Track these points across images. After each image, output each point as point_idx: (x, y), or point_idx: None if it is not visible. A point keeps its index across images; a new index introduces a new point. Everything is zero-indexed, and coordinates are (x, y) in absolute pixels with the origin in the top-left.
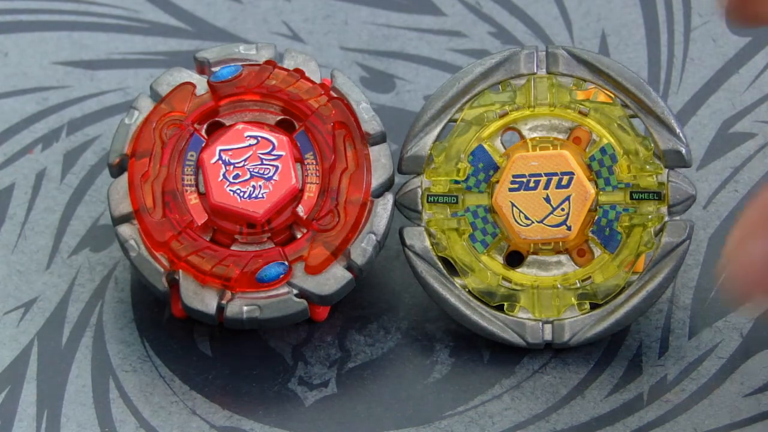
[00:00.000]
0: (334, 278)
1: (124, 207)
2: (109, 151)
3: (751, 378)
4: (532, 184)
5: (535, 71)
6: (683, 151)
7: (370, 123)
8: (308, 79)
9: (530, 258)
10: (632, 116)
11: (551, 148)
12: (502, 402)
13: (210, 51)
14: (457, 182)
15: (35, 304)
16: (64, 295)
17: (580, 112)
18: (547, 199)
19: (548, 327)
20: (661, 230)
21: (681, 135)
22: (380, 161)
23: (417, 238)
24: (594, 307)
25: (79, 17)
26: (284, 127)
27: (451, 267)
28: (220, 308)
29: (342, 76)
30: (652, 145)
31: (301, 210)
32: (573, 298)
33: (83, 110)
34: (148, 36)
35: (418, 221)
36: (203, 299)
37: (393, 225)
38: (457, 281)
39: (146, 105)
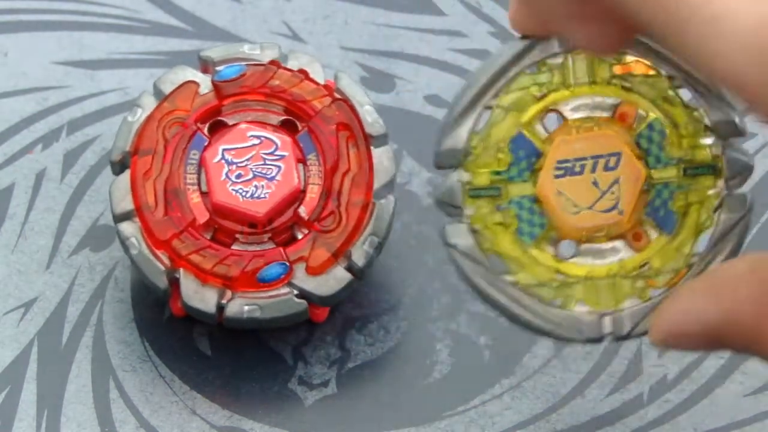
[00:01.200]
0: (335, 279)
1: (126, 204)
2: (111, 148)
3: (751, 378)
4: (577, 169)
5: (572, 48)
6: (736, 119)
7: (374, 125)
8: (312, 80)
9: (584, 246)
10: (678, 87)
11: (595, 128)
12: (502, 402)
13: (214, 50)
14: (498, 173)
15: (35, 304)
16: (64, 295)
17: (623, 88)
18: (595, 183)
19: (607, 319)
20: (719, 206)
21: (732, 103)
22: (383, 164)
23: (461, 236)
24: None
25: (79, 17)
26: (287, 127)
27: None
28: (221, 307)
29: (346, 78)
30: (703, 116)
31: (303, 211)
32: (632, 287)
33: (83, 110)
34: (148, 36)
35: (459, 218)
36: (203, 298)
37: (397, 226)
38: (507, 278)
39: (149, 103)
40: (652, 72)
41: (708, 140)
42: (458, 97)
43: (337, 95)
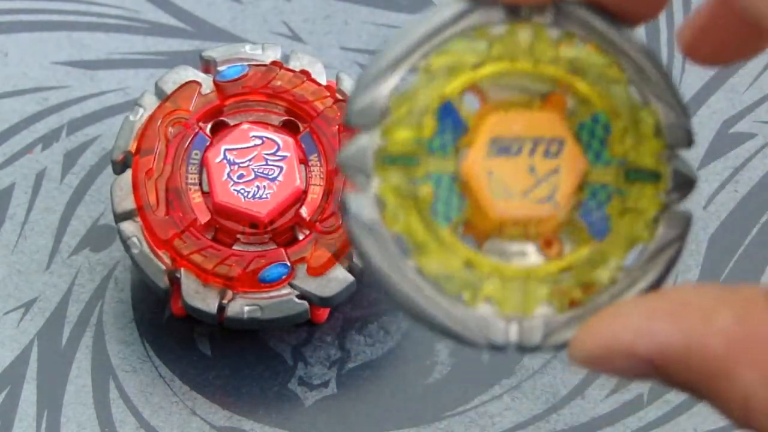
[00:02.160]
0: (336, 280)
1: (127, 204)
2: (112, 148)
3: None
4: (514, 150)
5: (518, 18)
6: (688, 127)
7: None
8: (314, 81)
9: (488, 244)
10: (629, 82)
11: (527, 111)
12: (502, 402)
13: (216, 50)
14: (419, 141)
15: (35, 304)
16: (64, 295)
17: (569, 70)
18: (532, 169)
19: (514, 326)
20: (657, 219)
21: (687, 109)
22: None
23: (365, 207)
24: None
25: (79, 17)
26: (288, 128)
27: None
28: (222, 307)
29: (348, 79)
30: (652, 117)
31: (304, 211)
32: (547, 293)
33: (83, 110)
34: (148, 36)
35: (365, 187)
36: (205, 298)
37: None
38: (411, 263)
39: (151, 102)
40: (604, 60)
41: (657, 145)
42: (382, 51)
43: (339, 96)
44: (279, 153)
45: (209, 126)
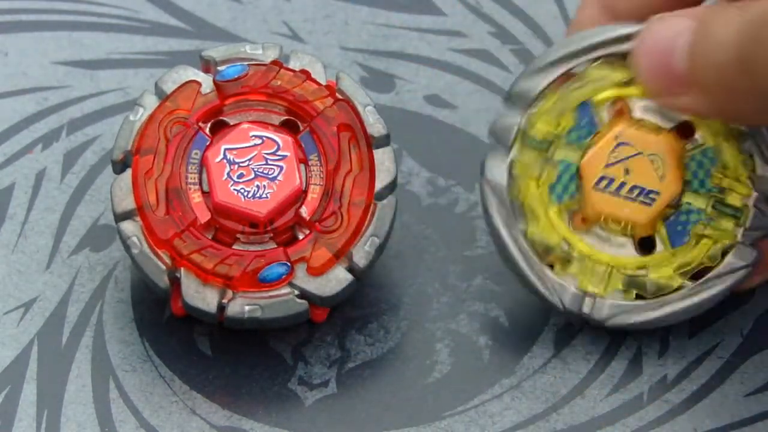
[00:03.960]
0: (336, 280)
1: (127, 204)
2: (112, 148)
3: (751, 378)
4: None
5: None
6: None
7: (375, 126)
8: (314, 81)
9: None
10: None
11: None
12: (502, 402)
13: (216, 50)
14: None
15: (35, 304)
16: (64, 295)
17: None
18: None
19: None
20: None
21: None
22: (384, 164)
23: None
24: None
25: (79, 17)
26: (288, 127)
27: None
28: (221, 307)
29: (348, 79)
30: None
31: (304, 211)
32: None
33: (83, 110)
34: (148, 36)
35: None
36: (204, 298)
37: (397, 226)
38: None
39: (151, 102)
40: None
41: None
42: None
43: (339, 96)
44: (279, 152)
45: (209, 126)
